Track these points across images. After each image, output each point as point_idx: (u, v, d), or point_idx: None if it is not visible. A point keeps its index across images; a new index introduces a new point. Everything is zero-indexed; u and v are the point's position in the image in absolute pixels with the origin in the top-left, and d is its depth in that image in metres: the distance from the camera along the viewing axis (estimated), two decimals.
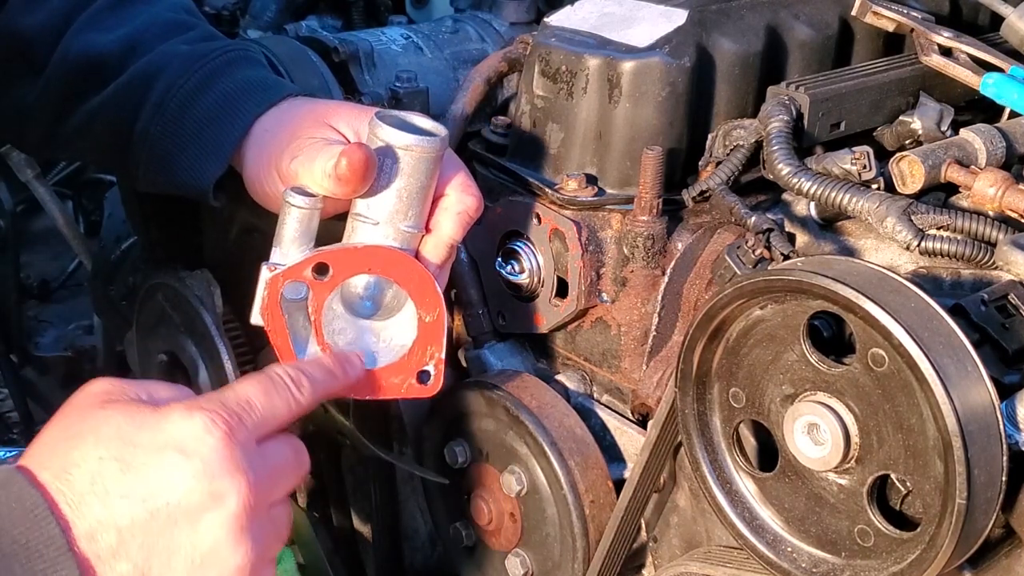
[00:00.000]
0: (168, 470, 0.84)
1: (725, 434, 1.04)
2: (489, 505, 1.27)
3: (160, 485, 0.83)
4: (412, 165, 1.02)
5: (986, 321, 0.95)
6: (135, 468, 0.83)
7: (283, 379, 0.93)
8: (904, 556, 0.92)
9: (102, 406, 0.87)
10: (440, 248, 1.07)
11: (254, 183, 1.13)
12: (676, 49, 1.17)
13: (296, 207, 1.02)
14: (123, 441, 0.84)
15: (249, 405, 0.89)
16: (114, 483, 0.83)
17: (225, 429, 0.86)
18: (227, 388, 0.91)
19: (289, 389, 0.93)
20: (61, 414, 0.88)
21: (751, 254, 1.08)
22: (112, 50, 1.23)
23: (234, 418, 0.87)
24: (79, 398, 0.88)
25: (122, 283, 1.78)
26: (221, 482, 0.85)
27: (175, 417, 0.86)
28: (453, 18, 1.62)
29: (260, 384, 0.92)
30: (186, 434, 0.85)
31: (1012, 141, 1.13)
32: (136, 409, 0.86)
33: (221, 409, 0.87)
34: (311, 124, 1.09)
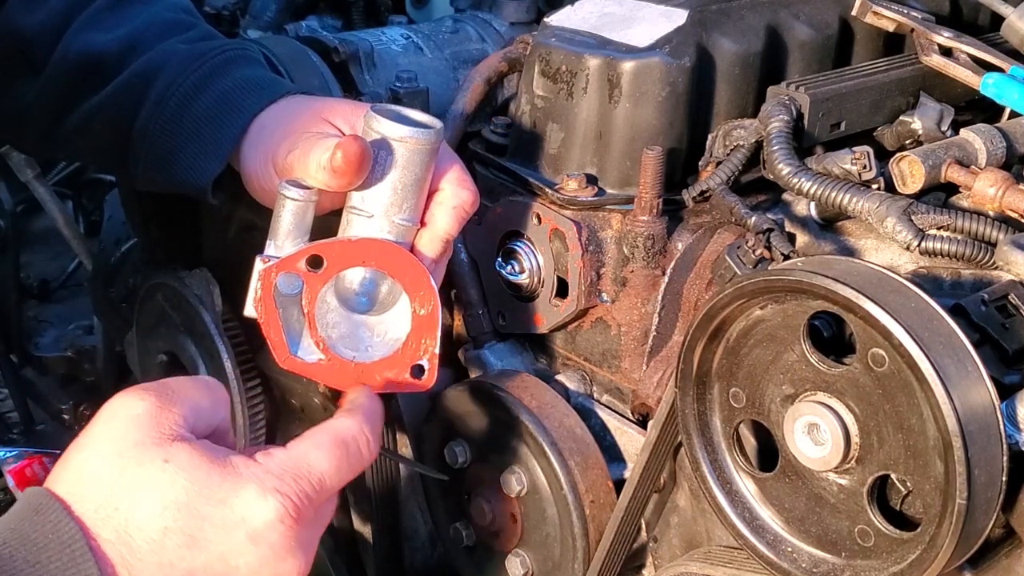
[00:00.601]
0: (235, 554, 0.84)
1: (725, 434, 1.04)
2: (489, 505, 1.27)
3: (224, 567, 0.84)
4: (407, 157, 1.02)
5: (986, 321, 0.95)
6: (201, 545, 0.83)
7: (358, 448, 0.92)
8: (904, 556, 0.92)
9: (163, 453, 0.83)
10: (435, 242, 1.06)
11: (252, 180, 1.14)
12: (676, 49, 1.17)
13: (291, 199, 1.02)
14: (190, 514, 0.83)
15: (321, 485, 0.88)
16: (178, 558, 0.82)
17: (295, 516, 0.85)
18: (302, 459, 0.88)
19: (362, 457, 0.93)
20: (107, 442, 0.84)
21: (751, 254, 1.08)
22: (111, 49, 1.23)
23: (304, 502, 0.86)
24: (128, 426, 0.84)
25: (122, 285, 1.78)
26: (281, 565, 0.86)
27: (247, 496, 0.84)
28: (453, 18, 1.62)
29: (335, 459, 0.90)
30: (257, 519, 0.84)
31: (1012, 141, 1.13)
32: (205, 472, 0.84)
33: (294, 494, 0.86)
34: (308, 120, 1.09)
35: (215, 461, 0.85)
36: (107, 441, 0.84)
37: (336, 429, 0.92)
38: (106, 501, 0.82)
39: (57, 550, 0.78)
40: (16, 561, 0.77)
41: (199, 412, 0.88)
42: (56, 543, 0.79)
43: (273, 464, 0.87)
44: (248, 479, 0.85)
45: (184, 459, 0.84)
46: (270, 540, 0.84)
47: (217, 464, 0.85)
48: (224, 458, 0.86)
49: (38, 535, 0.79)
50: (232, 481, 0.84)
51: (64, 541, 0.79)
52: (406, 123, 1.03)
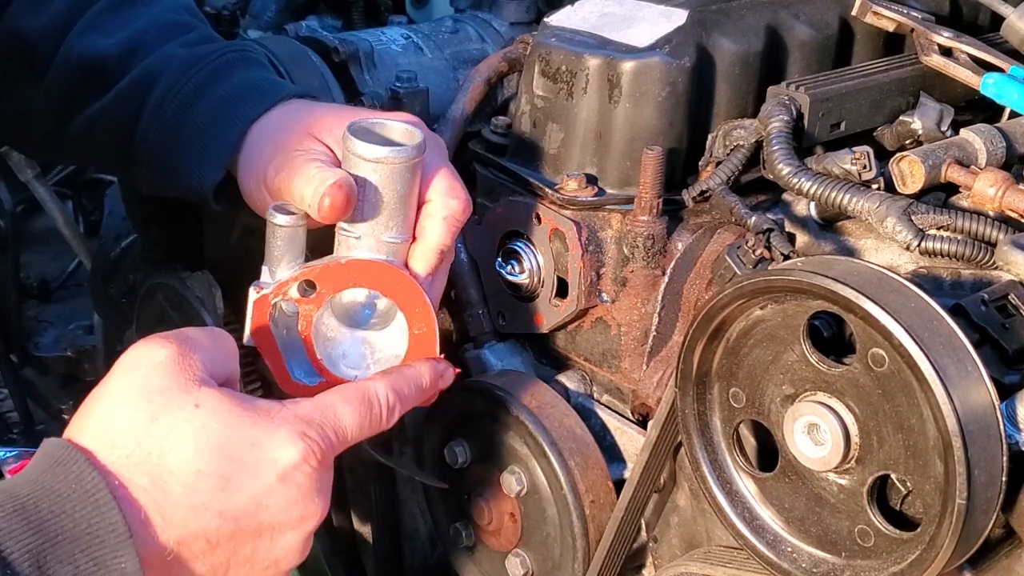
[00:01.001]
0: (265, 494, 0.86)
1: (725, 434, 1.04)
2: (489, 505, 1.27)
3: (256, 507, 0.86)
4: (387, 177, 1.00)
5: (986, 321, 0.95)
6: (233, 486, 0.85)
7: (382, 408, 0.96)
8: (904, 556, 0.92)
9: (193, 398, 0.85)
10: (428, 256, 1.05)
11: (247, 195, 1.13)
12: (676, 49, 1.17)
13: (280, 226, 1.01)
14: (223, 456, 0.85)
15: (344, 435, 0.92)
16: (211, 499, 0.84)
17: (321, 459, 0.89)
18: (329, 408, 0.92)
19: (383, 418, 0.96)
20: (132, 390, 0.85)
21: (751, 254, 1.08)
22: (112, 53, 1.23)
23: (330, 448, 0.90)
24: (152, 373, 0.85)
25: (122, 281, 1.78)
26: (308, 506, 0.89)
27: (279, 439, 0.87)
28: (453, 18, 1.62)
29: (359, 414, 0.94)
30: (287, 461, 0.87)
31: (1012, 141, 1.13)
32: (236, 415, 0.86)
33: (321, 440, 0.89)
34: (296, 136, 1.09)
35: (244, 405, 0.87)
36: (132, 389, 0.85)
37: (365, 388, 0.96)
38: (138, 447, 0.83)
39: (81, 499, 0.79)
40: (41, 512, 0.78)
41: (216, 360, 0.90)
42: (80, 492, 0.80)
43: (301, 410, 0.90)
44: (279, 423, 0.88)
45: (214, 403, 0.86)
46: (298, 480, 0.88)
47: (247, 408, 0.87)
48: (251, 401, 0.88)
49: (61, 485, 0.80)
50: (263, 424, 0.87)
51: (88, 490, 0.80)
52: (384, 141, 1.01)
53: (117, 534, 0.79)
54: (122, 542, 0.79)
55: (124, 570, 0.79)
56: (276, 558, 0.89)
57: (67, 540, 0.78)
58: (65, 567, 0.77)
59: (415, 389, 1.01)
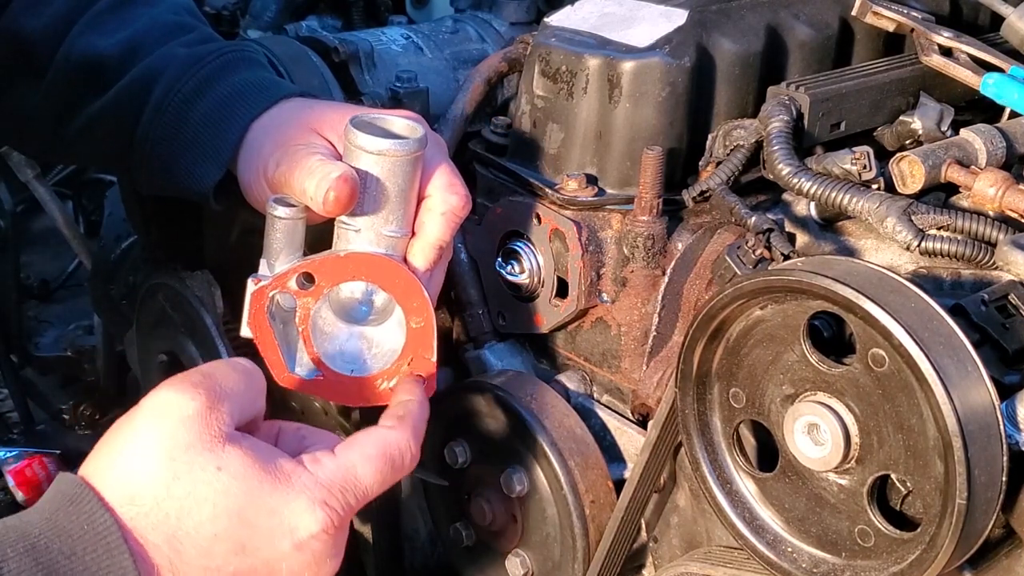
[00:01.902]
0: (279, 559, 0.86)
1: (725, 434, 1.04)
2: (489, 505, 1.27)
3: (268, 571, 0.86)
4: (389, 170, 1.00)
5: (986, 321, 0.95)
6: (248, 551, 0.85)
7: (403, 462, 0.94)
8: (904, 556, 0.92)
9: (216, 460, 0.84)
10: (427, 251, 1.05)
11: (247, 190, 1.13)
12: (676, 49, 1.17)
13: (279, 218, 1.01)
14: (241, 522, 0.84)
15: (366, 496, 0.91)
16: (225, 562, 0.84)
17: (339, 525, 0.88)
18: (350, 471, 0.90)
19: (404, 470, 0.95)
20: (156, 443, 0.83)
21: (751, 254, 1.08)
22: (112, 53, 1.22)
23: (349, 513, 0.89)
24: (178, 427, 0.84)
25: (122, 282, 1.78)
26: (321, 569, 0.89)
27: (298, 508, 0.86)
28: (453, 18, 1.62)
29: (381, 474, 0.92)
30: (305, 531, 0.86)
31: (1012, 141, 1.13)
32: (257, 481, 0.85)
33: (342, 508, 0.88)
34: (296, 132, 1.09)
35: (266, 468, 0.86)
36: (156, 442, 0.84)
37: (387, 442, 0.94)
38: (157, 506, 0.82)
39: (92, 541, 0.79)
40: (52, 552, 0.78)
41: (244, 406, 0.89)
42: (92, 534, 0.79)
43: (323, 475, 0.88)
44: (299, 490, 0.87)
45: (237, 466, 0.85)
46: (314, 548, 0.87)
47: (268, 472, 0.86)
48: (274, 463, 0.87)
49: (73, 526, 0.79)
50: (284, 491, 0.86)
51: (99, 532, 0.80)
52: (386, 135, 1.01)
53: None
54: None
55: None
56: None
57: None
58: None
59: (425, 420, 1.00)
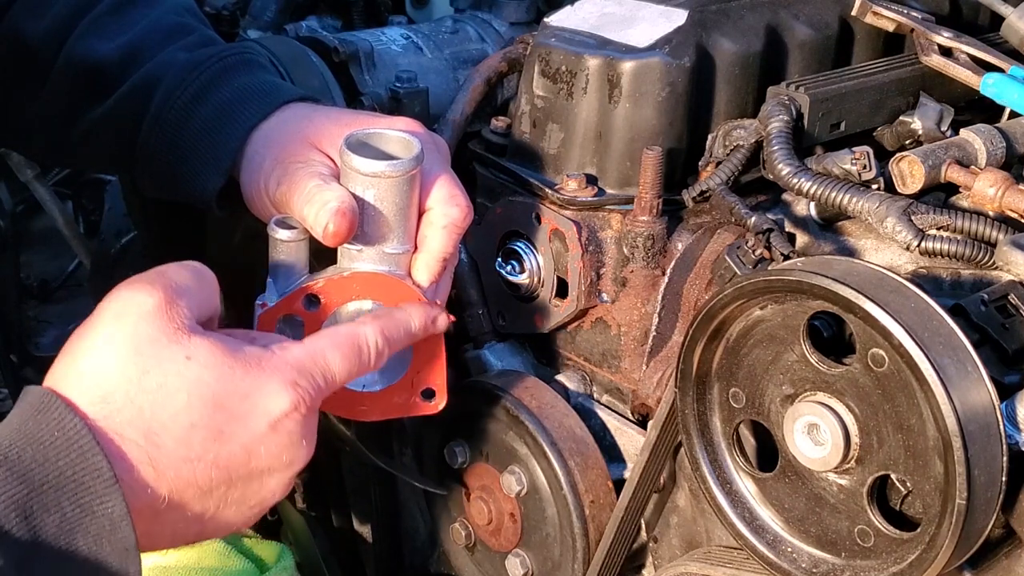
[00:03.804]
0: (256, 442, 0.87)
1: (725, 434, 1.04)
2: (489, 505, 1.27)
3: (247, 455, 0.87)
4: (386, 190, 1.00)
5: (986, 321, 0.95)
6: (225, 436, 0.86)
7: (371, 352, 0.95)
8: (904, 556, 0.92)
9: (184, 350, 0.85)
10: (431, 265, 1.05)
11: (250, 203, 1.13)
12: (676, 49, 1.17)
13: (281, 241, 1.01)
14: (216, 408, 0.85)
15: (333, 380, 0.92)
16: (204, 450, 0.85)
17: (310, 405, 0.90)
18: (319, 355, 0.91)
19: (371, 362, 0.96)
20: (120, 341, 0.83)
21: (751, 254, 1.08)
22: (112, 58, 1.22)
23: (319, 394, 0.91)
24: (140, 323, 0.84)
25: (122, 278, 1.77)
26: (297, 451, 0.90)
27: (270, 389, 0.87)
28: (453, 18, 1.61)
29: (348, 359, 0.93)
30: (278, 410, 0.87)
31: (1012, 141, 1.13)
32: (228, 367, 0.86)
33: (311, 387, 0.90)
34: (297, 146, 1.08)
35: (235, 355, 0.87)
36: (121, 340, 0.84)
37: (355, 333, 0.95)
38: (130, 402, 0.83)
39: (64, 446, 0.79)
40: (24, 460, 0.78)
41: (202, 302, 0.90)
42: (63, 439, 0.79)
43: (291, 357, 0.90)
44: (271, 372, 0.88)
45: (205, 354, 0.86)
46: (288, 428, 0.88)
47: (238, 358, 0.87)
48: (241, 349, 0.88)
49: (43, 433, 0.79)
50: (255, 374, 0.87)
51: (70, 437, 0.79)
52: (381, 154, 1.01)
53: (103, 479, 0.79)
54: (108, 487, 0.79)
55: (111, 515, 0.79)
56: (262, 498, 0.90)
57: (52, 488, 0.78)
58: (51, 515, 0.77)
59: (404, 333, 1.00)
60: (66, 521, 0.78)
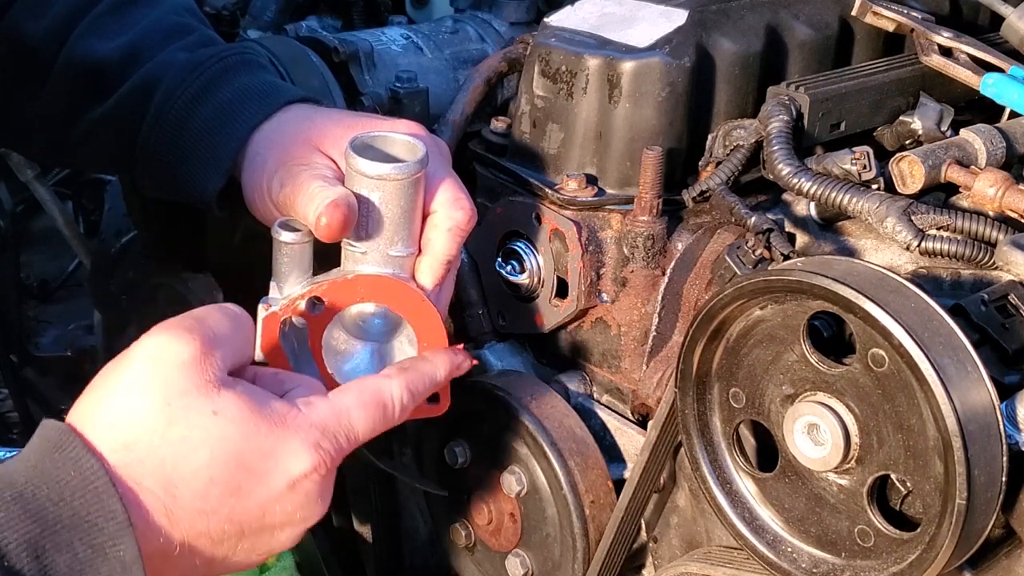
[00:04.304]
0: (273, 500, 0.87)
1: (725, 434, 1.04)
2: (489, 505, 1.27)
3: (263, 512, 0.87)
4: (390, 193, 1.00)
5: (986, 321, 0.95)
6: (243, 493, 0.86)
7: (395, 409, 0.95)
8: (904, 556, 0.92)
9: (212, 404, 0.84)
10: (435, 267, 1.05)
11: (251, 205, 1.13)
12: (676, 49, 1.17)
13: (285, 243, 1.00)
14: (237, 465, 0.85)
15: (356, 440, 0.92)
16: (220, 504, 0.85)
17: (331, 467, 0.90)
18: (344, 415, 0.91)
19: (395, 419, 0.96)
20: (152, 388, 0.83)
21: (751, 254, 1.08)
22: (112, 58, 1.22)
23: (340, 455, 0.91)
24: (173, 372, 0.84)
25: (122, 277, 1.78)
26: (313, 509, 0.90)
27: (291, 449, 0.87)
28: (453, 18, 1.62)
29: (373, 419, 0.93)
30: (298, 472, 0.88)
31: (1012, 141, 1.13)
32: (253, 424, 0.86)
33: (334, 449, 0.90)
34: (299, 149, 1.08)
35: (261, 412, 0.87)
36: (152, 388, 0.84)
37: (379, 389, 0.95)
38: (152, 452, 0.83)
39: (80, 487, 0.79)
40: (39, 499, 0.78)
41: (235, 351, 0.90)
42: (79, 479, 0.79)
43: (316, 417, 0.90)
44: (294, 431, 0.88)
45: (233, 411, 0.85)
46: (306, 488, 0.88)
47: (263, 415, 0.87)
48: (269, 406, 0.88)
49: (60, 472, 0.79)
50: (279, 433, 0.87)
51: (87, 477, 0.79)
52: (386, 157, 1.01)
53: (117, 522, 0.79)
54: (121, 530, 0.79)
55: (123, 559, 0.79)
56: (271, 548, 0.91)
57: (65, 528, 0.77)
58: (63, 555, 0.77)
59: (430, 384, 1.01)
60: (77, 562, 0.77)
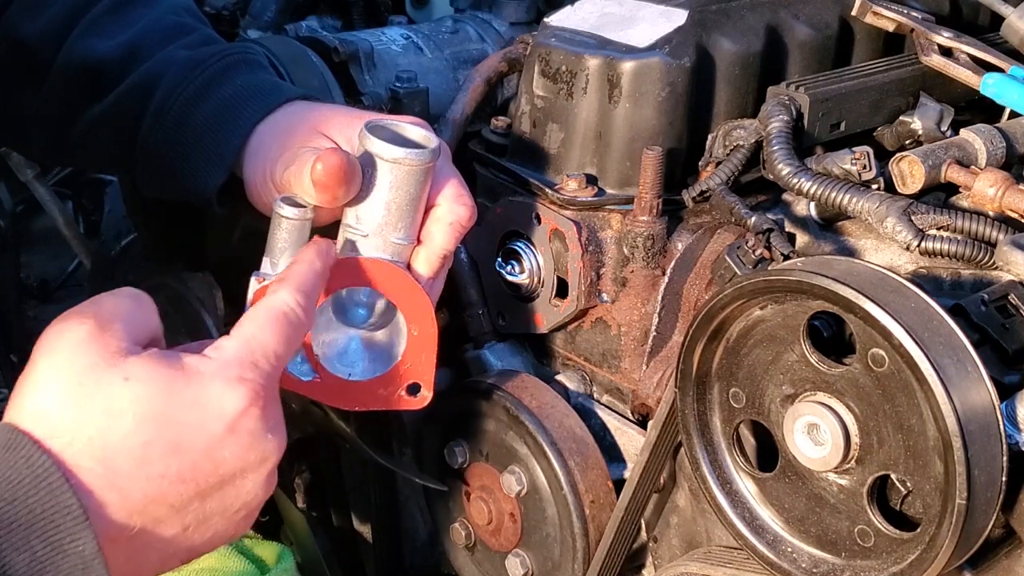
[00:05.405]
0: (218, 447, 0.85)
1: (725, 434, 1.04)
2: (489, 505, 1.27)
3: (212, 462, 0.85)
4: (401, 178, 1.00)
5: (986, 321, 0.95)
6: (184, 448, 0.83)
7: (297, 312, 0.92)
8: (904, 556, 0.92)
9: (121, 372, 0.83)
10: (432, 259, 1.05)
11: (253, 193, 1.13)
12: (676, 49, 1.17)
13: (285, 218, 1.00)
14: (166, 421, 0.83)
15: (277, 357, 0.89)
16: (165, 466, 0.83)
17: (264, 396, 0.87)
18: (252, 340, 0.89)
19: (303, 321, 0.93)
20: (58, 373, 0.82)
21: (751, 254, 1.08)
22: (112, 57, 1.22)
23: (268, 380, 0.88)
24: (75, 352, 0.83)
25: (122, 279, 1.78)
26: (265, 446, 0.87)
27: (215, 391, 0.85)
28: (453, 18, 1.62)
29: (280, 330, 0.90)
30: (232, 409, 0.85)
31: (1012, 141, 1.13)
32: (167, 379, 0.84)
33: (258, 375, 0.87)
34: (304, 133, 1.08)
35: (173, 366, 0.85)
36: (58, 372, 0.83)
37: (272, 305, 0.92)
38: (77, 432, 0.81)
39: (33, 484, 0.78)
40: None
41: (137, 325, 0.88)
42: (31, 477, 0.78)
43: (228, 355, 0.88)
44: (211, 375, 0.86)
45: (142, 371, 0.84)
46: (248, 426, 0.86)
47: (176, 368, 0.85)
48: (179, 361, 0.86)
49: (11, 472, 0.78)
50: (196, 381, 0.85)
51: (39, 475, 0.78)
52: (401, 142, 1.01)
53: (73, 517, 0.78)
54: (78, 525, 0.78)
55: (82, 553, 0.78)
56: (245, 502, 0.88)
57: (22, 526, 0.76)
58: (21, 554, 0.76)
59: (314, 275, 0.97)
60: (36, 560, 0.76)
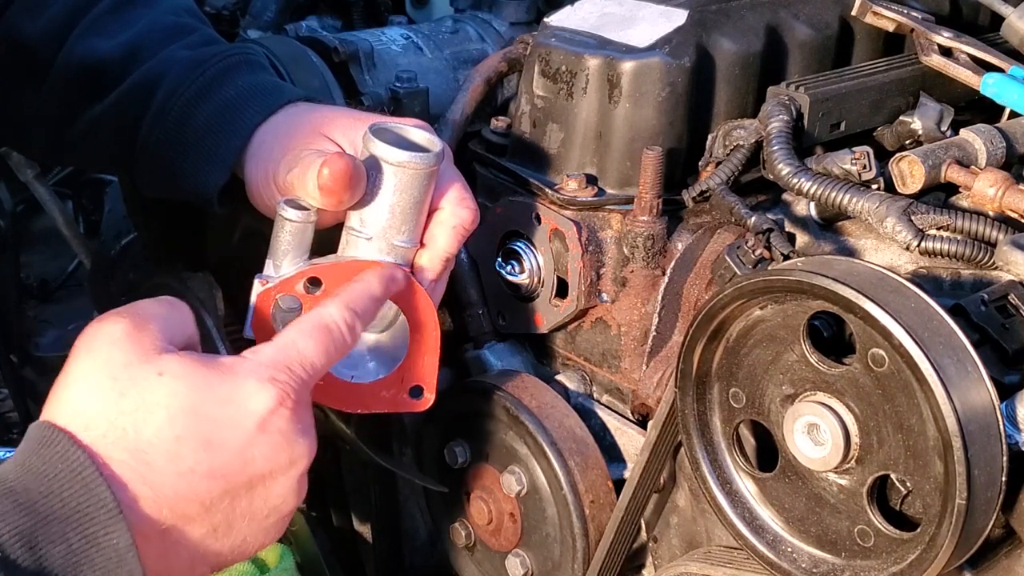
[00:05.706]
0: (249, 446, 0.86)
1: (725, 434, 1.04)
2: (489, 505, 1.27)
3: (242, 461, 0.86)
4: (405, 181, 1.00)
5: (986, 321, 0.95)
6: (216, 445, 0.84)
7: (341, 329, 0.94)
8: (904, 556, 0.92)
9: (155, 367, 0.84)
10: (435, 262, 1.06)
11: (255, 195, 1.13)
12: (676, 49, 1.17)
13: (289, 220, 1.00)
14: (198, 417, 0.84)
15: (313, 367, 0.91)
16: (196, 462, 0.84)
17: (296, 398, 0.88)
18: (290, 347, 0.90)
19: (345, 339, 0.94)
20: (95, 370, 0.84)
21: (751, 254, 1.08)
22: (113, 56, 1.22)
23: (301, 385, 0.89)
24: (112, 350, 0.85)
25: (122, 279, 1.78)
26: (295, 448, 0.88)
27: (249, 390, 0.86)
28: (453, 18, 1.62)
29: (321, 343, 0.92)
30: (263, 408, 0.86)
31: (1012, 141, 1.13)
32: (202, 376, 0.85)
33: (291, 379, 0.88)
34: (307, 135, 1.08)
35: (207, 364, 0.87)
36: (95, 369, 0.85)
37: (320, 315, 0.94)
38: (112, 425, 0.82)
39: (69, 478, 0.79)
40: (30, 493, 0.78)
41: (172, 327, 0.89)
42: (67, 471, 0.79)
43: (264, 357, 0.89)
44: (245, 374, 0.87)
45: (177, 367, 0.85)
46: (278, 426, 0.87)
47: (211, 366, 0.87)
48: (214, 360, 0.88)
49: (48, 466, 0.79)
50: (230, 379, 0.86)
51: (74, 469, 0.80)
52: (405, 145, 1.01)
53: (107, 510, 0.79)
54: (112, 518, 0.79)
55: (116, 546, 0.79)
56: (274, 505, 0.89)
57: (58, 520, 0.78)
58: (57, 547, 0.77)
59: (369, 300, 0.99)
60: (72, 553, 0.78)
